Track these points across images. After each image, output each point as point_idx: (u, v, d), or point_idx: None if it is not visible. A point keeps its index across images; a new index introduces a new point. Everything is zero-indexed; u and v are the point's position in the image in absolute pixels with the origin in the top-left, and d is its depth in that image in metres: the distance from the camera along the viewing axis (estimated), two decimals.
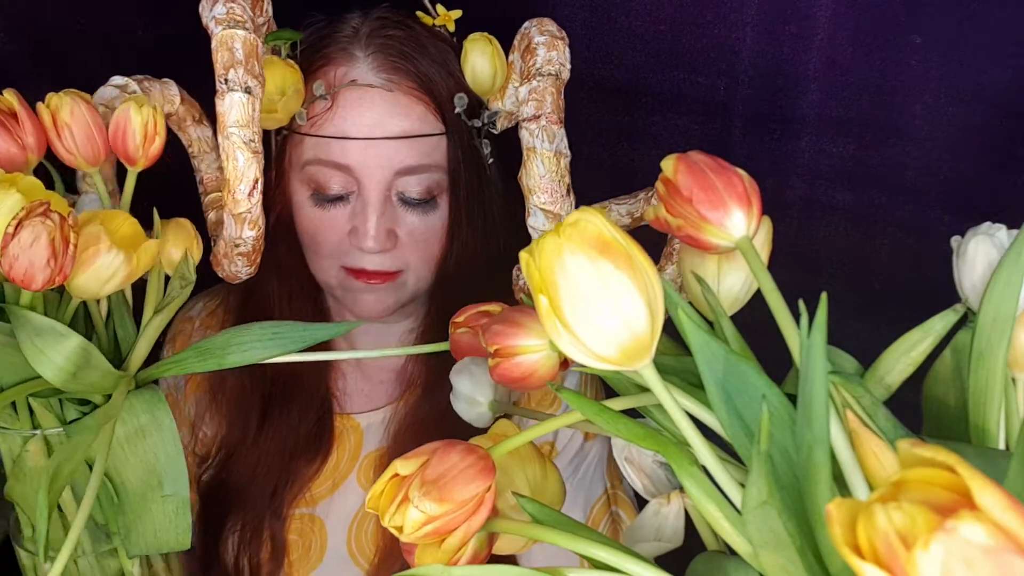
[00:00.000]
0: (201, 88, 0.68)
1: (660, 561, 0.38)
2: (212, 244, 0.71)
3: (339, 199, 0.70)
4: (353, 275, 0.72)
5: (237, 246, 0.65)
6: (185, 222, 0.61)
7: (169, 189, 0.70)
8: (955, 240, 0.42)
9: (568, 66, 0.67)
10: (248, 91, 0.58)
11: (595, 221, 0.34)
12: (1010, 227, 0.41)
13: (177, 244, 0.60)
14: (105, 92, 0.61)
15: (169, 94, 0.66)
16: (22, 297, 0.50)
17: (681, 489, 0.45)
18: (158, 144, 0.58)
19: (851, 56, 0.80)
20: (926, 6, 0.76)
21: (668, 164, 0.39)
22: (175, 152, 0.69)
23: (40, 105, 0.56)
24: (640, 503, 0.70)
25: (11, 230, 0.45)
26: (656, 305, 0.34)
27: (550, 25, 0.69)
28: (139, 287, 0.60)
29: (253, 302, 0.78)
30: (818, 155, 0.86)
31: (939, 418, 0.41)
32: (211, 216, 0.73)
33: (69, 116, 0.55)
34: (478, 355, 0.50)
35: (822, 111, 0.83)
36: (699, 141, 0.90)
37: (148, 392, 0.56)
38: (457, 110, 0.71)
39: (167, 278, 0.60)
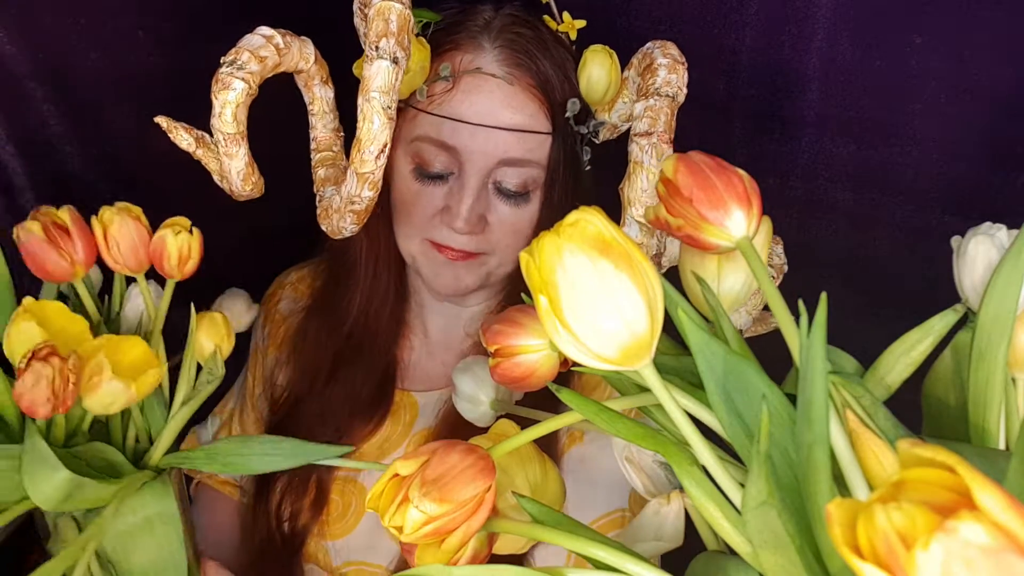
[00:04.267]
0: (198, 89, 0.68)
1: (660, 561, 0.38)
2: (317, 200, 0.74)
3: (439, 177, 0.74)
4: (436, 248, 0.75)
5: (353, 203, 0.67)
6: (218, 317, 0.65)
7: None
8: (955, 240, 0.42)
9: (684, 91, 0.69)
10: (395, 61, 0.61)
11: (595, 221, 0.34)
12: (1010, 227, 0.41)
13: (209, 337, 0.64)
14: (253, 40, 0.63)
15: (306, 51, 0.68)
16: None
17: (681, 489, 0.45)
18: (191, 264, 0.63)
19: (851, 56, 0.80)
20: (926, 6, 0.76)
21: (668, 164, 0.39)
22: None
23: (94, 219, 0.61)
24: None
25: (22, 366, 0.50)
26: (656, 305, 0.34)
27: (673, 50, 0.71)
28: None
29: (339, 268, 0.84)
30: (818, 155, 0.86)
31: (939, 418, 0.41)
32: (320, 173, 0.75)
33: (118, 231, 0.61)
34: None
35: (822, 111, 0.83)
36: (699, 141, 0.90)
37: (160, 485, 0.60)
38: (568, 114, 0.73)
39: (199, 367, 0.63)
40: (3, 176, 0.88)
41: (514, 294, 0.81)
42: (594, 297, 0.33)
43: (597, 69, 0.72)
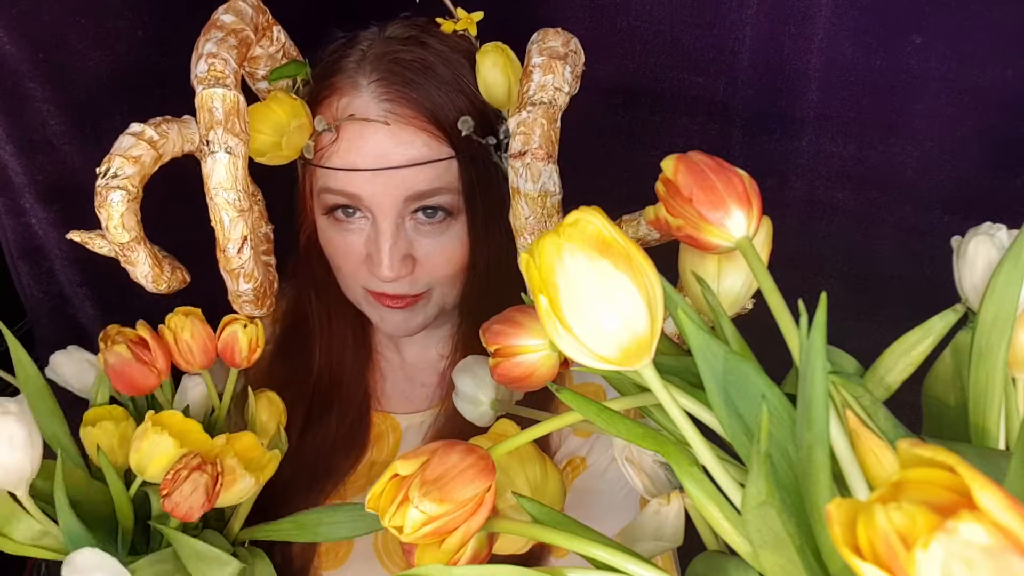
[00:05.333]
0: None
1: None
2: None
3: (354, 224, 0.70)
4: (375, 297, 0.73)
5: (240, 296, 0.66)
6: (274, 396, 0.69)
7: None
8: (955, 240, 0.42)
9: (566, 89, 0.64)
10: (229, 151, 0.59)
11: (595, 221, 0.34)
12: (1010, 227, 0.41)
13: (270, 416, 0.69)
14: (123, 142, 0.61)
15: (188, 133, 0.65)
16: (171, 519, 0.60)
17: (681, 489, 0.45)
18: (259, 352, 0.67)
19: (851, 56, 0.80)
20: (926, 6, 0.76)
21: (668, 164, 0.39)
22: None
23: (162, 327, 0.65)
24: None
25: (170, 477, 0.55)
26: (656, 305, 0.34)
27: (554, 40, 0.65)
28: None
29: (295, 317, 0.81)
30: (818, 155, 0.86)
31: (939, 418, 0.41)
32: None
33: (190, 336, 0.65)
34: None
35: (822, 111, 0.83)
36: (699, 141, 0.90)
37: (260, 559, 0.66)
38: (464, 133, 0.69)
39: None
40: (3, 176, 0.88)
41: (472, 311, 0.77)
42: (594, 297, 0.33)
43: (491, 72, 0.67)
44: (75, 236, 0.66)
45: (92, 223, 0.90)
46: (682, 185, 0.38)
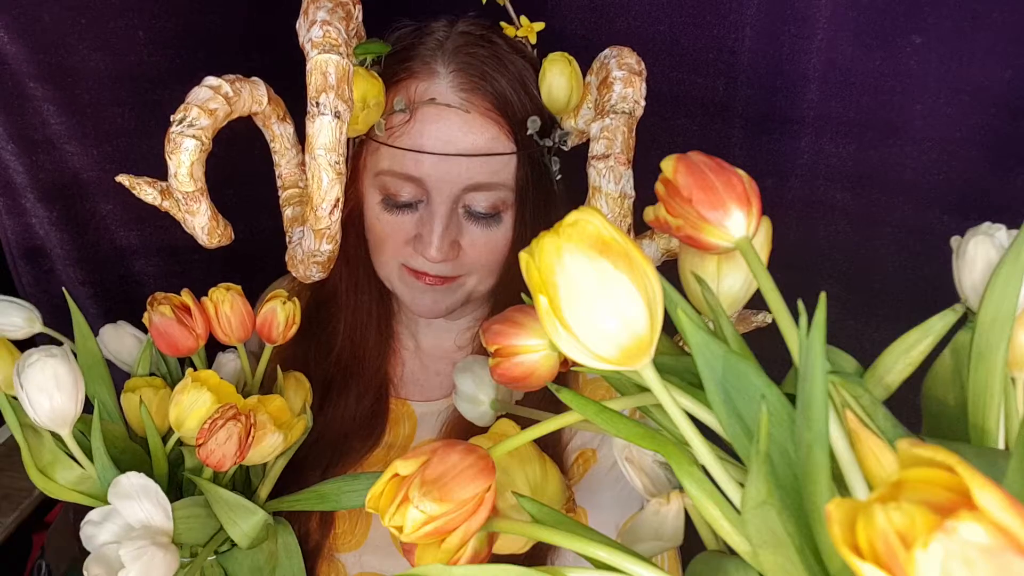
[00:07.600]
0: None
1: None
2: (287, 240, 0.74)
3: (407, 206, 0.73)
4: (412, 274, 0.75)
5: (314, 256, 0.68)
6: (301, 377, 0.73)
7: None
8: (955, 240, 0.42)
9: (643, 103, 0.68)
10: (337, 115, 0.60)
11: (594, 221, 0.34)
12: (1010, 227, 0.41)
13: (297, 395, 0.72)
14: (200, 93, 0.62)
15: (258, 94, 0.67)
16: (204, 470, 0.64)
17: (681, 489, 0.45)
18: (294, 329, 0.71)
19: (851, 56, 0.80)
20: (926, 6, 0.76)
21: (668, 164, 0.39)
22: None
23: (204, 299, 0.69)
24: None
25: (207, 426, 0.58)
26: (655, 305, 0.34)
27: (629, 58, 0.69)
28: None
29: (321, 291, 0.84)
30: (818, 155, 0.86)
31: (939, 418, 0.41)
32: (287, 212, 0.76)
33: (229, 309, 0.69)
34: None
35: (822, 111, 0.83)
36: (699, 141, 0.90)
37: (280, 525, 0.68)
38: (530, 132, 0.73)
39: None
40: (3, 175, 0.88)
41: (501, 305, 0.79)
42: (594, 297, 0.33)
43: (557, 78, 0.71)
44: (124, 179, 0.66)
45: (92, 223, 0.90)
46: (682, 185, 0.38)
